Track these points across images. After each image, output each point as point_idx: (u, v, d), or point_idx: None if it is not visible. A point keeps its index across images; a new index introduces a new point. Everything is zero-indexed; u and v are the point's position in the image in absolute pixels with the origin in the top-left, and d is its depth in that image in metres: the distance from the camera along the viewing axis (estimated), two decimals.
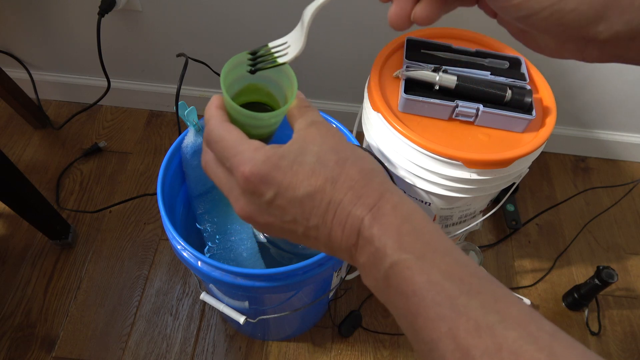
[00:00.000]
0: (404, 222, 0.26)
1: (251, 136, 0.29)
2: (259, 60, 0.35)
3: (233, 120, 0.30)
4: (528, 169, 0.72)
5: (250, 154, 0.27)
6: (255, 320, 0.69)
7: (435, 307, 0.24)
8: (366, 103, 0.74)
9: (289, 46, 0.36)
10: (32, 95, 1.22)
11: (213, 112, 0.31)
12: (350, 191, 0.27)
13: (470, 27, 0.82)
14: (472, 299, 0.23)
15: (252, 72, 0.34)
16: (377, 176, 0.28)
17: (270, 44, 0.35)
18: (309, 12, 0.38)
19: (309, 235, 0.28)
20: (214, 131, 0.29)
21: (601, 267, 0.89)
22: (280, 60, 0.34)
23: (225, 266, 0.55)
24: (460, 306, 0.23)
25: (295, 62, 0.33)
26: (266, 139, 0.33)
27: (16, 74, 1.17)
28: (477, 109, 0.67)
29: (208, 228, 0.73)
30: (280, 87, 0.32)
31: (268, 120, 0.31)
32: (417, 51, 0.76)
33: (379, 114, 0.69)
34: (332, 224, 0.27)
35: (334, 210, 0.27)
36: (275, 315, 0.70)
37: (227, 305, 0.68)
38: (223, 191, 0.31)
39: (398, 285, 0.25)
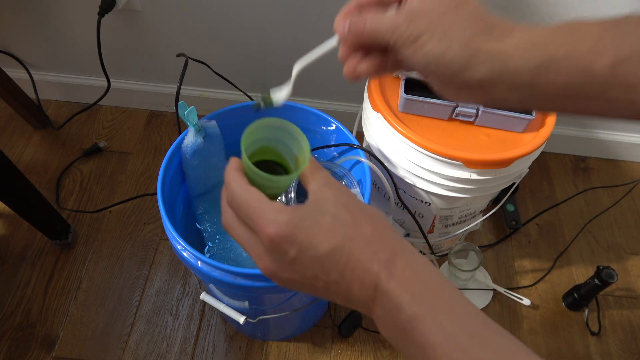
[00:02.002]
0: (417, 277, 0.28)
1: (265, 194, 0.32)
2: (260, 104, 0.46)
3: (250, 180, 0.33)
4: (528, 169, 0.72)
5: (273, 216, 0.29)
6: (255, 320, 0.69)
7: (449, 358, 0.26)
8: (366, 103, 0.74)
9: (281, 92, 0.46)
10: (32, 95, 1.22)
11: (234, 175, 0.32)
12: (366, 248, 0.29)
13: None
14: (483, 349, 0.26)
15: (257, 109, 0.42)
16: (389, 233, 0.30)
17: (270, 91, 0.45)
18: (297, 67, 0.44)
19: (329, 290, 0.30)
20: (237, 194, 0.31)
21: (601, 267, 0.89)
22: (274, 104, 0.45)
23: (225, 266, 0.55)
24: (473, 357, 0.25)
25: (295, 62, 0.37)
26: (278, 194, 0.35)
27: (16, 74, 1.17)
28: (477, 109, 0.67)
29: (208, 228, 0.73)
30: (290, 149, 0.36)
31: (284, 182, 0.34)
32: None
33: (379, 114, 0.69)
34: (351, 279, 0.29)
35: (352, 266, 0.29)
36: (275, 315, 0.70)
37: (227, 305, 0.68)
38: (245, 248, 0.32)
39: (414, 337, 0.27)
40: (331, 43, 0.40)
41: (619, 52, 0.27)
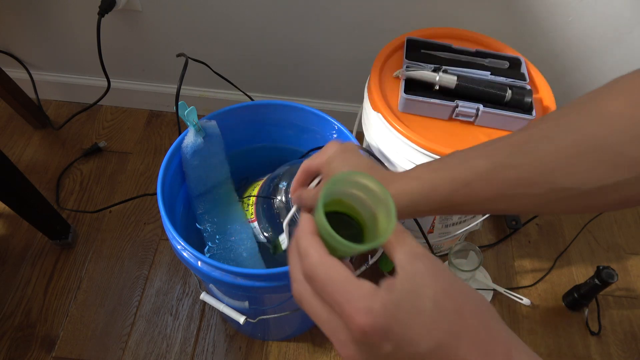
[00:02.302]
0: None
1: (335, 254, 0.29)
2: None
3: (322, 238, 0.29)
4: None
5: (365, 302, 0.25)
6: (255, 320, 0.69)
7: None
8: (366, 103, 0.74)
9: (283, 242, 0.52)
10: (32, 95, 1.22)
11: (310, 241, 0.29)
12: (475, 348, 0.25)
13: (470, 27, 0.82)
14: None
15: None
16: (498, 326, 0.27)
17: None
18: (284, 222, 0.50)
19: None
20: (319, 269, 0.28)
21: (601, 267, 0.89)
22: (282, 248, 0.48)
23: (225, 266, 0.55)
24: None
25: (295, 62, 0.37)
26: (350, 256, 0.32)
27: (16, 74, 1.17)
28: (477, 109, 0.67)
29: (208, 228, 0.73)
30: (366, 206, 0.32)
31: (363, 250, 0.29)
32: (417, 51, 0.76)
33: (379, 114, 0.69)
34: None
35: None
36: (275, 315, 0.70)
37: (227, 305, 0.68)
38: (323, 328, 0.29)
39: None
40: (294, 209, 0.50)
41: (446, 190, 0.37)
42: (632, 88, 0.31)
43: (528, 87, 0.69)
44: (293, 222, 0.51)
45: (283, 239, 0.54)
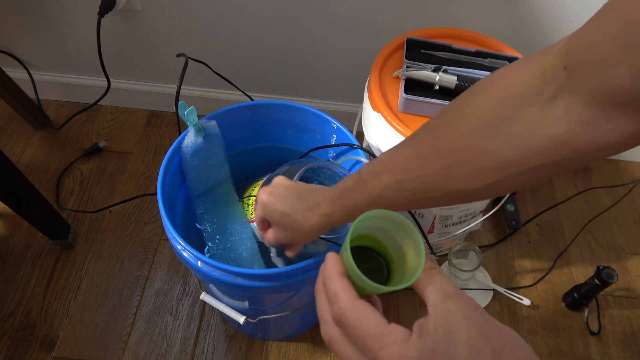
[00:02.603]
0: None
1: (360, 293, 0.29)
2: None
3: (349, 274, 0.29)
4: None
5: (399, 350, 0.25)
6: (255, 320, 0.69)
7: None
8: (366, 103, 0.74)
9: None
10: (32, 95, 1.22)
11: (339, 284, 0.29)
12: None
13: (470, 27, 0.82)
14: None
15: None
16: None
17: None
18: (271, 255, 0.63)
19: None
20: (349, 313, 0.27)
21: (601, 267, 0.89)
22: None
23: (225, 266, 0.55)
24: None
25: (295, 62, 0.39)
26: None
27: (16, 74, 1.17)
28: None
29: (208, 228, 0.73)
30: (392, 238, 0.32)
31: (393, 290, 0.29)
32: (417, 51, 0.76)
33: (379, 114, 0.69)
34: None
35: None
36: (275, 315, 0.70)
37: (227, 305, 0.68)
38: None
39: None
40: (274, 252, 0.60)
41: (365, 203, 0.43)
42: (490, 89, 0.35)
43: None
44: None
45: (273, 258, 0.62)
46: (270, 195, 0.49)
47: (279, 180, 0.51)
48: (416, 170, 0.38)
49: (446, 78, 0.68)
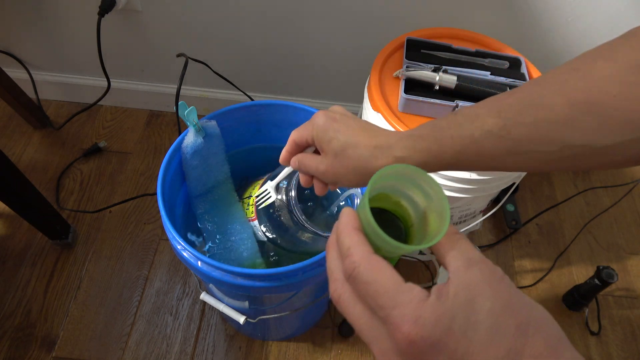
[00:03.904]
0: None
1: (380, 254, 0.27)
2: (259, 199, 0.61)
3: (367, 236, 0.27)
4: None
5: (415, 310, 0.23)
6: (255, 320, 0.69)
7: None
8: (366, 103, 0.74)
9: (269, 195, 0.61)
10: (32, 95, 1.22)
11: (355, 238, 0.26)
12: None
13: (470, 27, 0.82)
14: None
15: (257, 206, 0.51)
16: (566, 349, 0.24)
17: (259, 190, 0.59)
18: (272, 184, 0.60)
19: None
20: (362, 268, 0.25)
21: (601, 267, 0.89)
22: (268, 201, 0.60)
23: (225, 266, 0.55)
24: None
25: (295, 62, 0.37)
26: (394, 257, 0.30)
27: (16, 74, 1.17)
28: None
29: (208, 228, 0.73)
30: (414, 202, 0.30)
31: (409, 250, 0.27)
32: (417, 51, 0.76)
33: (379, 114, 0.69)
34: None
35: None
36: (275, 315, 0.70)
37: (227, 305, 0.68)
38: (362, 335, 0.26)
39: None
40: (287, 169, 0.54)
41: (454, 149, 0.36)
42: (624, 51, 0.31)
43: None
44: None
45: (270, 191, 0.59)
46: (332, 121, 0.42)
47: (340, 108, 0.44)
48: (531, 115, 0.32)
49: (446, 78, 0.68)
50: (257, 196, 0.63)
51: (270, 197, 0.62)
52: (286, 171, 0.55)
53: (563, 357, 0.23)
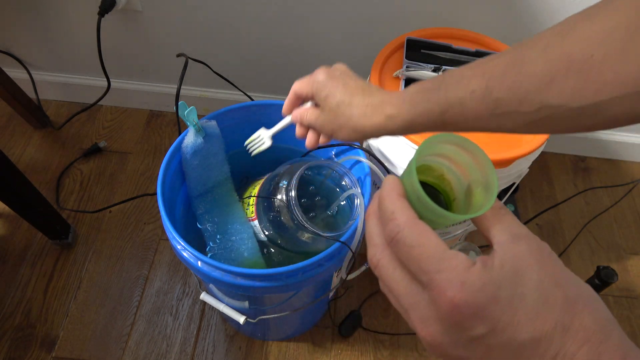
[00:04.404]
0: None
1: None
2: (253, 145, 0.62)
3: (412, 205, 0.26)
4: (528, 169, 0.72)
5: (461, 275, 0.22)
6: (255, 320, 0.69)
7: None
8: None
9: (263, 141, 0.62)
10: (32, 95, 1.22)
11: (398, 203, 0.26)
12: (585, 345, 0.22)
13: (470, 27, 0.82)
14: None
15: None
16: (614, 328, 0.23)
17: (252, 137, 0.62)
18: (270, 133, 0.62)
19: None
20: (406, 232, 0.24)
21: (601, 267, 0.89)
22: (262, 148, 0.62)
23: (225, 266, 0.55)
24: None
25: (295, 62, 0.38)
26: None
27: (16, 74, 1.17)
28: None
29: (209, 228, 0.73)
30: (458, 175, 0.29)
31: (454, 220, 0.27)
32: (417, 51, 0.76)
33: None
34: None
35: None
36: (275, 315, 0.70)
37: (227, 305, 0.68)
38: (400, 301, 0.25)
39: None
40: (287, 120, 0.57)
41: (440, 109, 0.39)
42: (612, 10, 0.31)
43: None
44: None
45: (264, 138, 0.61)
46: (331, 79, 0.46)
47: (342, 66, 0.48)
48: (513, 75, 0.33)
49: None
50: (249, 142, 0.63)
51: (263, 143, 0.62)
52: (285, 122, 0.58)
53: (611, 336, 0.22)
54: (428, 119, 0.40)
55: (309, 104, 0.51)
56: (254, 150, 0.63)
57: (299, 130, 0.54)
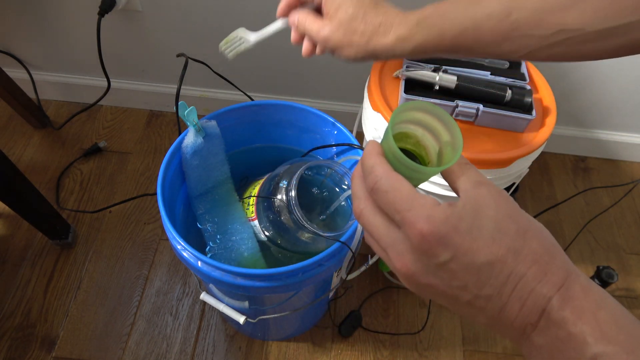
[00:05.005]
0: (599, 309, 0.24)
1: None
2: (229, 46, 0.56)
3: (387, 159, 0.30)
4: (528, 169, 0.72)
5: (428, 211, 0.26)
6: (255, 320, 0.69)
7: None
8: (366, 103, 0.74)
9: (243, 41, 0.57)
10: (32, 95, 1.22)
11: (377, 159, 0.29)
12: (534, 265, 0.25)
13: None
14: None
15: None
16: (559, 253, 0.27)
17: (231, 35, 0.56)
18: (253, 37, 0.58)
19: (474, 305, 0.26)
20: (383, 180, 0.28)
21: (601, 267, 0.89)
22: (241, 48, 0.56)
23: (225, 266, 0.55)
24: None
25: (295, 62, 0.39)
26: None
27: (16, 74, 1.17)
28: (477, 109, 0.67)
29: (209, 228, 0.73)
30: (430, 140, 0.32)
31: (429, 175, 0.30)
32: None
33: (379, 114, 0.69)
34: (509, 298, 0.25)
35: (514, 283, 0.25)
36: (275, 315, 0.70)
37: (227, 305, 0.68)
38: (379, 243, 0.29)
39: None
40: (278, 25, 0.52)
41: (454, 31, 0.39)
42: None
43: (528, 87, 0.69)
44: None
45: (244, 36, 0.55)
46: None
47: None
48: (532, 1, 0.34)
49: (446, 78, 0.68)
50: (225, 43, 0.57)
51: (242, 43, 0.57)
52: (276, 25, 0.53)
53: (556, 258, 0.26)
54: (440, 42, 0.39)
55: (310, 7, 0.48)
56: (231, 51, 0.56)
57: (294, 36, 0.52)
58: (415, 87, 0.69)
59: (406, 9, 0.43)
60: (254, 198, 0.69)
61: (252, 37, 0.56)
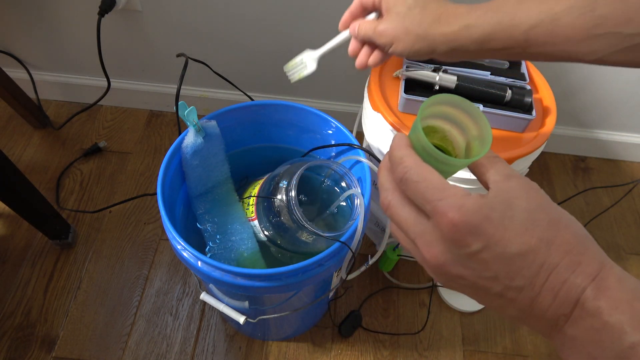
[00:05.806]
0: (635, 299, 0.24)
1: None
2: (293, 70, 0.56)
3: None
4: (528, 169, 0.72)
5: (459, 200, 0.25)
6: (255, 320, 0.69)
7: None
8: (366, 103, 0.74)
9: (305, 65, 0.57)
10: (32, 95, 1.22)
11: (406, 151, 0.29)
12: (567, 256, 0.25)
13: None
14: None
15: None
16: (592, 244, 0.26)
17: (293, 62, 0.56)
18: (317, 54, 0.57)
19: (505, 296, 0.26)
20: (413, 171, 0.27)
21: None
22: (304, 73, 0.56)
23: (225, 266, 0.55)
24: None
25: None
26: None
27: (16, 74, 1.17)
28: None
29: (209, 228, 0.73)
30: (457, 135, 0.32)
31: (458, 167, 0.30)
32: None
33: (379, 114, 0.69)
34: (542, 289, 0.25)
35: (547, 274, 0.25)
36: (275, 315, 0.70)
37: (227, 305, 0.68)
38: (407, 233, 0.28)
39: None
40: (343, 37, 0.52)
41: (528, 22, 0.36)
42: None
43: (528, 87, 0.69)
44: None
45: (307, 61, 0.54)
46: None
47: None
48: None
49: (446, 78, 0.68)
50: (289, 66, 0.56)
51: (306, 67, 0.56)
52: (340, 38, 0.53)
53: (589, 248, 0.25)
54: (510, 34, 0.37)
55: (372, 16, 0.47)
56: (294, 75, 0.56)
57: (352, 46, 0.50)
58: (415, 87, 0.69)
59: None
60: (254, 198, 0.69)
61: (315, 56, 0.57)
